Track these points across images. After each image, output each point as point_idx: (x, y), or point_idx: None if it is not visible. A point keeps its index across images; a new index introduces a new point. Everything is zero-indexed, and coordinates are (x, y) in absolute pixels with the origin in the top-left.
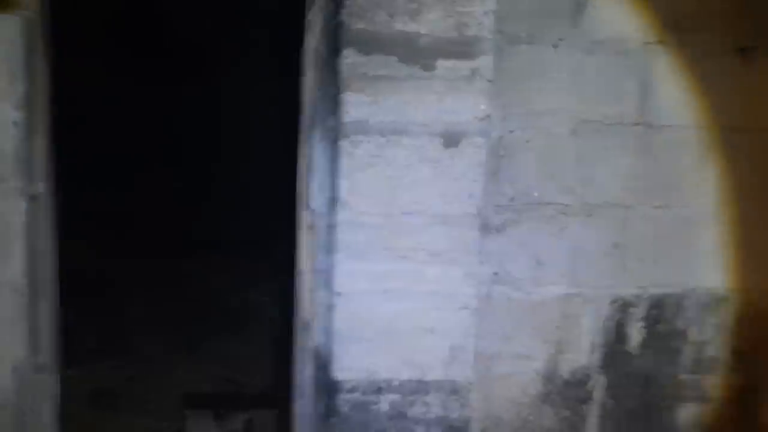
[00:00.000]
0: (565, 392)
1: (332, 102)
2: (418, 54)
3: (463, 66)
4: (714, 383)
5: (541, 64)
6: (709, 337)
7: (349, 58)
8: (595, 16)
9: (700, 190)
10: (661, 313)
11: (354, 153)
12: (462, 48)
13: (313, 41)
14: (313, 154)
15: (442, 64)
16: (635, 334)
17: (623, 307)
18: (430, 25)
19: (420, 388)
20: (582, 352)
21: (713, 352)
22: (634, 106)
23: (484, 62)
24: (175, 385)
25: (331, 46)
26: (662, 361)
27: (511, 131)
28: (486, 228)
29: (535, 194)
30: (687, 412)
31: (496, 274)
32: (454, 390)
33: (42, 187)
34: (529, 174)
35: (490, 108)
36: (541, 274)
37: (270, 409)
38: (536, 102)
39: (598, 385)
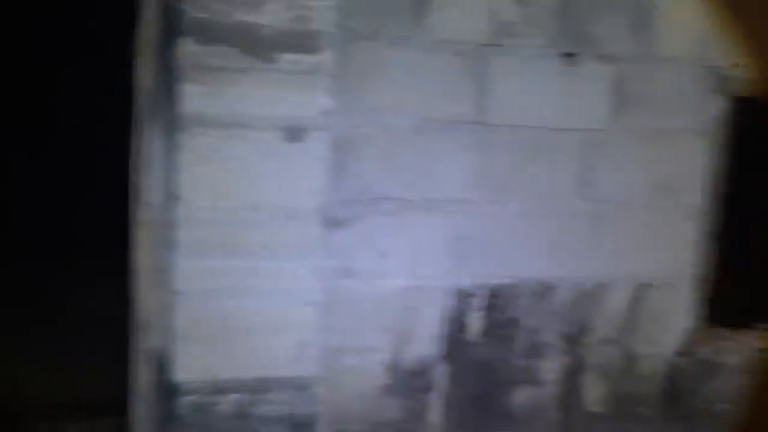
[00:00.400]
0: (409, 383)
1: (169, 93)
2: (259, 46)
3: (306, 60)
4: (545, 367)
5: (383, 61)
6: (541, 324)
7: (186, 47)
8: (436, 15)
9: (531, 187)
10: (497, 303)
11: (192, 146)
12: (304, 41)
13: (149, 29)
14: (150, 147)
15: (284, 57)
16: (474, 323)
17: (463, 298)
18: (271, 16)
19: (265, 386)
20: (424, 343)
21: (544, 338)
22: (472, 105)
23: (326, 57)
24: (7, 396)
25: (168, 34)
26: (499, 347)
27: (355, 127)
28: (331, 223)
29: (378, 189)
30: (523, 395)
31: (341, 268)
32: (300, 386)
33: None
34: (373, 170)
35: (334, 103)
36: (385, 268)
37: (112, 416)
38: (379, 99)
39: (441, 374)
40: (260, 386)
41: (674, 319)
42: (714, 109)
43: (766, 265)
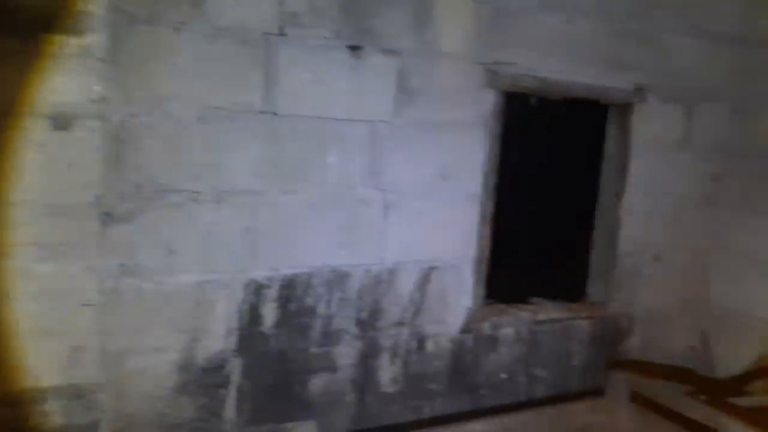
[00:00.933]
0: (202, 380)
1: None
2: (18, 26)
3: (72, 42)
4: (341, 352)
5: (163, 48)
6: (335, 311)
7: None
8: (217, 2)
9: (322, 176)
10: (292, 293)
11: None
12: (70, 23)
13: None
14: None
15: (48, 39)
16: (269, 314)
17: (257, 289)
18: None
19: (35, 397)
20: (218, 338)
21: (339, 325)
22: (260, 95)
23: (97, 40)
24: None
25: None
26: (295, 337)
27: (134, 116)
28: (110, 218)
29: (163, 181)
30: (319, 382)
31: (123, 265)
32: (77, 394)
33: None
34: (156, 160)
35: (108, 90)
36: (173, 263)
37: None
38: (160, 86)
39: (235, 369)
40: (30, 397)
41: (458, 299)
42: (486, 103)
43: (534, 245)
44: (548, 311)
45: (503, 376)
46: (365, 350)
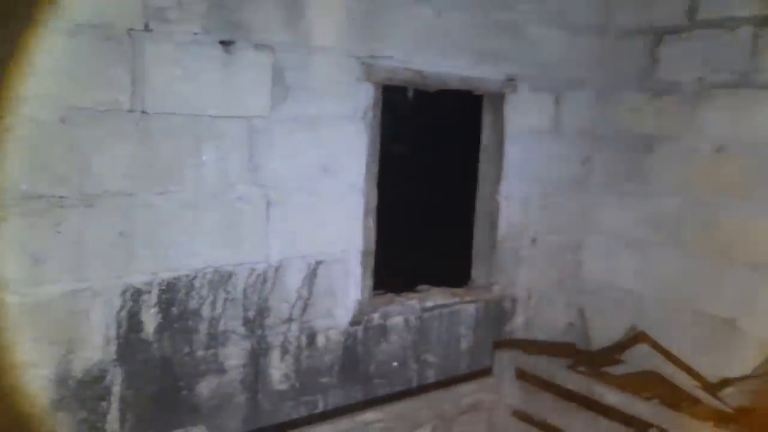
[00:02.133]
0: (81, 393)
1: None
2: None
3: None
4: (229, 353)
5: (19, 46)
6: (221, 312)
7: None
8: None
9: (198, 175)
10: (174, 297)
11: None
12: None
13: None
14: None
15: None
16: (150, 320)
17: (135, 295)
18: None
19: None
20: (96, 349)
21: (225, 326)
22: (128, 94)
23: None
24: None
25: None
26: (179, 342)
27: None
28: None
29: (25, 187)
30: (208, 385)
31: None
32: None
33: None
34: (16, 165)
35: None
36: (40, 273)
37: None
38: (18, 87)
39: (116, 379)
40: None
41: (346, 292)
42: (363, 96)
43: (420, 234)
44: (435, 297)
45: (395, 364)
46: (254, 349)
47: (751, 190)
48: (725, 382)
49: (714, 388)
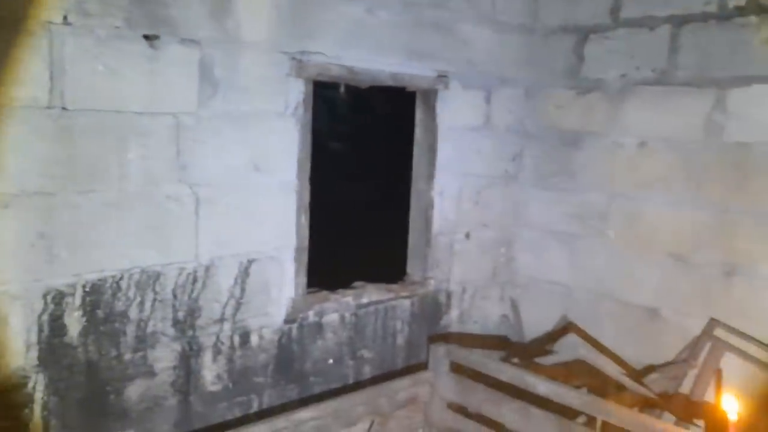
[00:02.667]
0: (1, 401)
1: None
2: None
3: None
4: (158, 356)
5: None
6: (150, 313)
7: None
8: None
9: (123, 173)
10: (99, 299)
11: None
12: None
13: None
14: None
15: None
16: (74, 323)
17: (58, 298)
18: None
19: None
20: (16, 354)
21: (154, 327)
22: (46, 89)
23: None
24: None
25: None
26: (105, 345)
27: None
28: None
29: None
30: (137, 389)
31: None
32: None
33: None
34: None
35: None
36: None
37: None
38: None
39: (39, 385)
40: None
41: (280, 290)
42: (294, 92)
43: (356, 230)
44: (370, 294)
45: (330, 361)
46: (185, 351)
47: (671, 183)
48: (649, 369)
49: (639, 375)
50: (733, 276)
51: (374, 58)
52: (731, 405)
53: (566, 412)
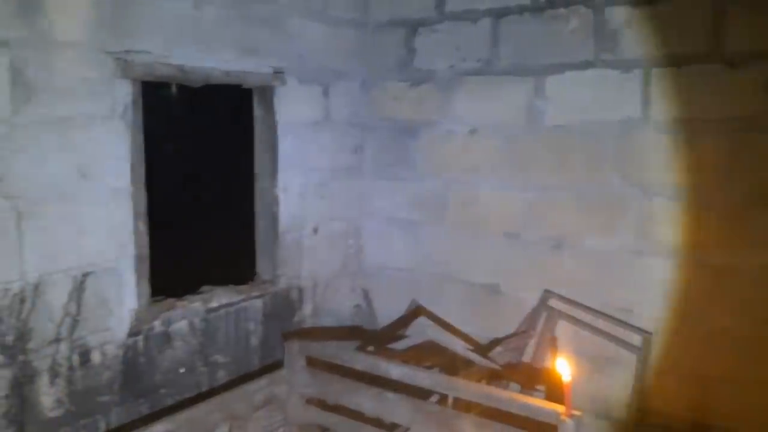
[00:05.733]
0: None
1: None
2: None
3: None
4: None
5: None
6: None
7: None
8: None
9: None
10: None
11: None
12: None
13: None
14: None
15: None
16: None
17: None
18: None
19: None
20: None
21: None
22: None
23: None
24: None
25: None
26: None
27: None
28: None
29: None
30: None
31: None
32: None
33: None
34: None
35: None
36: None
37: None
38: None
39: None
40: None
41: (120, 302)
42: (121, 93)
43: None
44: (220, 297)
45: (182, 370)
46: (17, 377)
47: (500, 167)
48: (494, 343)
49: (484, 349)
50: (560, 249)
51: (205, 56)
52: (565, 368)
53: (421, 393)
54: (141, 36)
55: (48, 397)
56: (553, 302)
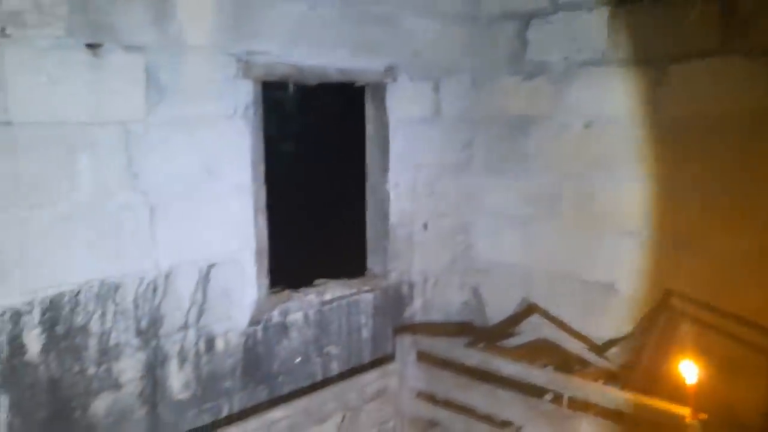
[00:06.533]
0: None
1: None
2: None
3: None
4: (123, 367)
5: None
6: (111, 325)
7: None
8: None
9: (74, 185)
10: (58, 314)
11: None
12: None
13: None
14: None
15: None
16: (34, 341)
17: (15, 317)
18: None
19: None
20: None
21: (117, 339)
22: None
23: None
24: None
25: None
26: (68, 361)
27: None
28: None
29: None
30: (103, 403)
31: None
32: None
33: None
34: None
35: None
36: None
37: None
38: None
39: (2, 407)
40: None
41: (242, 293)
42: (243, 93)
43: (316, 228)
44: (333, 290)
45: (298, 360)
46: (150, 361)
47: (617, 161)
48: (610, 343)
49: (600, 349)
50: (683, 248)
51: (320, 55)
52: (690, 370)
53: (533, 391)
54: (261, 37)
55: (177, 381)
56: (675, 302)
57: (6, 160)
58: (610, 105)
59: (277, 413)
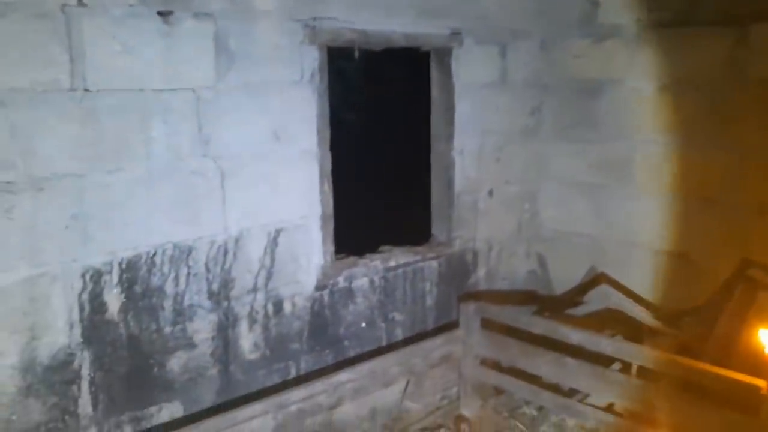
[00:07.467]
0: (49, 379)
1: None
2: None
3: None
4: (196, 328)
5: None
6: (185, 287)
7: None
8: None
9: (149, 151)
10: (135, 275)
11: None
12: None
13: None
14: None
15: None
16: (113, 300)
17: (96, 277)
18: None
19: None
20: (60, 333)
21: (190, 300)
22: (67, 72)
23: None
24: None
25: None
26: (145, 319)
27: None
28: None
29: None
30: (178, 361)
31: None
32: None
33: None
34: None
35: None
36: None
37: None
38: None
39: (84, 362)
40: None
41: (309, 258)
42: (309, 59)
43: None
44: (398, 257)
45: (363, 325)
46: (222, 322)
47: (694, 125)
48: (683, 313)
49: (672, 319)
50: (764, 215)
51: (386, 20)
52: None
53: (601, 361)
54: (326, 3)
55: (247, 341)
56: (753, 272)
57: (86, 125)
58: (687, 67)
59: (343, 376)
